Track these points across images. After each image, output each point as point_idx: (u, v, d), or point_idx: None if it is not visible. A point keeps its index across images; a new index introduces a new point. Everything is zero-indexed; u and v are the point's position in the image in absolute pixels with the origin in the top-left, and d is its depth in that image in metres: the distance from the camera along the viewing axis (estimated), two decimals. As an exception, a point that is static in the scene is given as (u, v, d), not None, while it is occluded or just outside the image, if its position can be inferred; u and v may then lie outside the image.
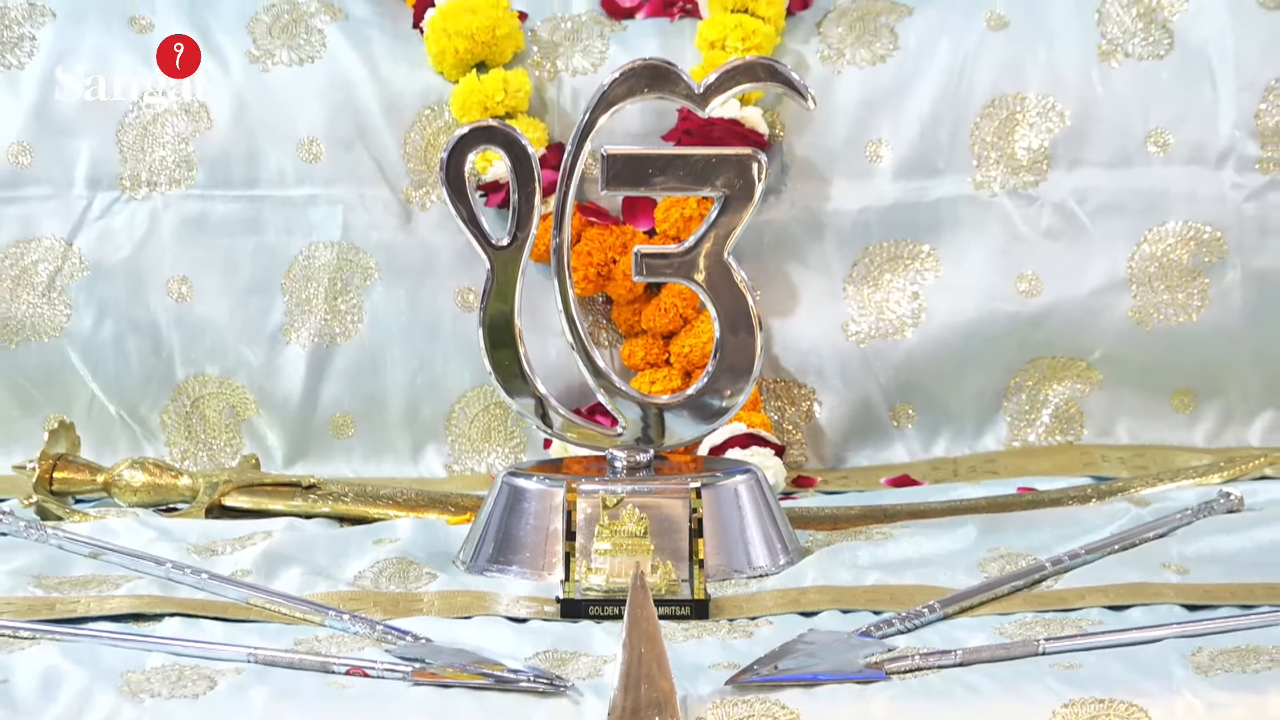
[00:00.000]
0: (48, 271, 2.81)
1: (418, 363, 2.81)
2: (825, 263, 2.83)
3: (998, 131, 2.85)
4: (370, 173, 2.84)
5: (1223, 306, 2.82)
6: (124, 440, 2.80)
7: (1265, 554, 2.46)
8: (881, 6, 2.91)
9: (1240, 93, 2.85)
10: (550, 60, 2.88)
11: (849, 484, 2.78)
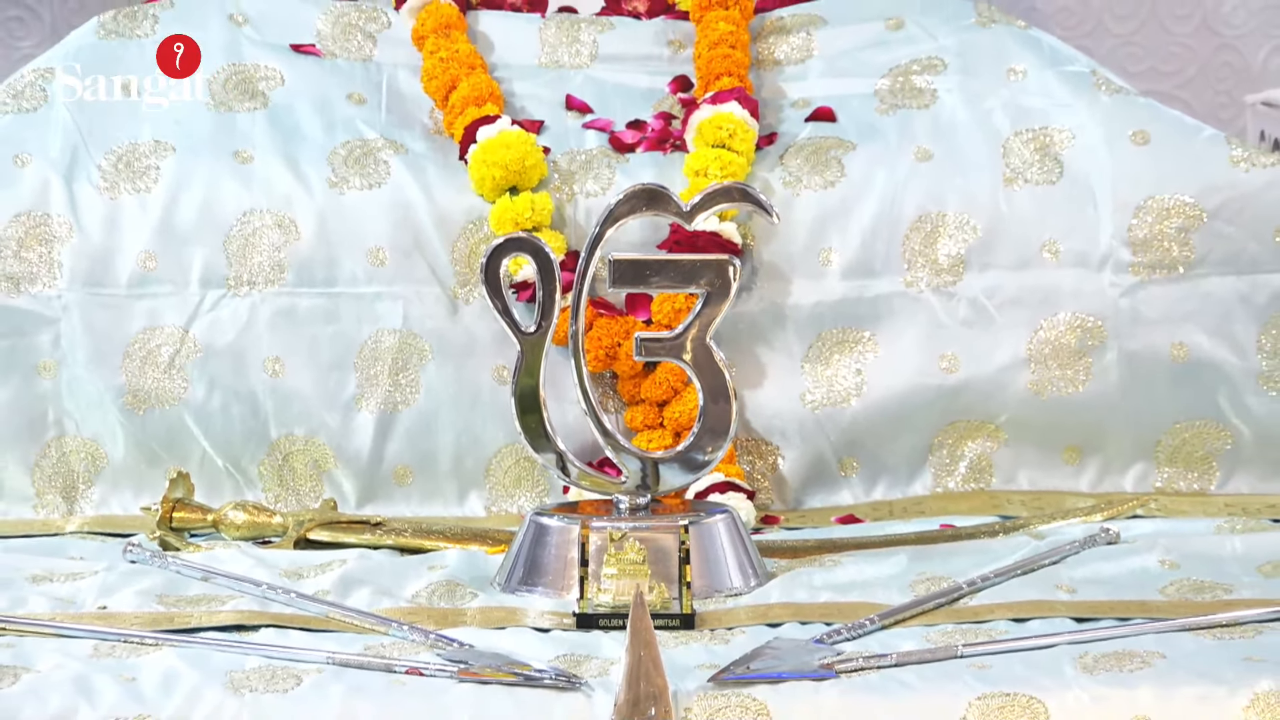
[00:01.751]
0: (169, 353, 2.80)
1: (462, 425, 2.80)
2: (787, 346, 2.82)
3: (924, 241, 2.84)
4: (425, 274, 2.83)
5: (1103, 380, 2.81)
6: (229, 487, 2.79)
7: (1137, 577, 2.47)
8: (831, 143, 2.90)
9: (1116, 211, 2.84)
10: (568, 185, 2.87)
11: (806, 522, 2.77)
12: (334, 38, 3.08)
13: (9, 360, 2.81)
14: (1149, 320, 2.82)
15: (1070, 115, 2.92)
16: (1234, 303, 2.82)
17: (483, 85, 2.96)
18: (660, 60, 3.11)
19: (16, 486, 2.80)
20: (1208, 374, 2.82)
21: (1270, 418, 2.82)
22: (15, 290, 2.81)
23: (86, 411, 2.81)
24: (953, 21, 3.10)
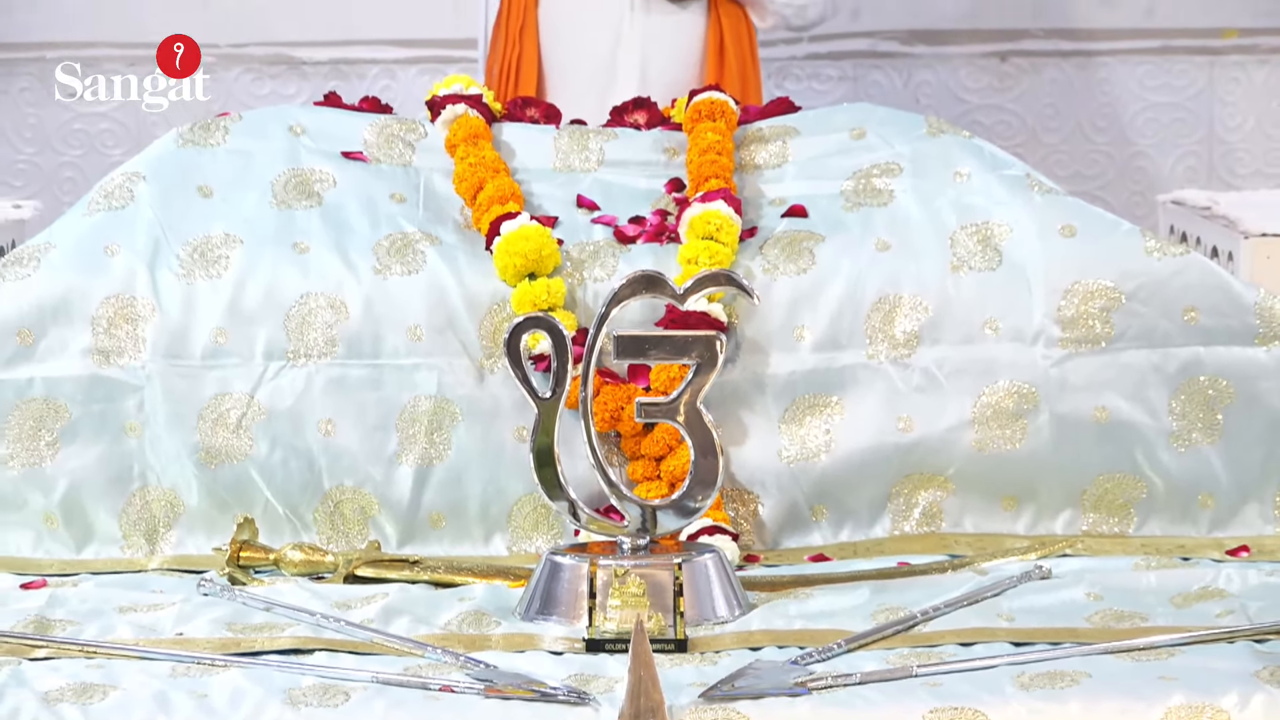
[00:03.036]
0: (237, 416, 2.80)
1: (488, 477, 2.79)
2: (766, 409, 2.82)
3: (883, 320, 2.84)
4: (456, 348, 2.83)
5: (1036, 439, 2.80)
6: (287, 530, 2.78)
7: (1066, 607, 2.47)
8: (803, 236, 2.90)
9: (1047, 294, 2.84)
10: (579, 271, 2.87)
11: (782, 560, 2.76)
12: (379, 146, 3.09)
13: (100, 422, 2.80)
14: (1075, 387, 2.81)
15: (1008, 212, 2.92)
16: (1148, 372, 2.82)
17: (506, 186, 2.96)
18: (657, 165, 3.11)
19: (106, 530, 2.79)
20: (1126, 433, 2.81)
21: (1179, 471, 2.81)
22: (106, 362, 2.81)
23: (166, 466, 2.80)
24: (907, 132, 3.11)
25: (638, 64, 4.07)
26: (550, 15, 4.08)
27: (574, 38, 4.08)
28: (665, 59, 4.08)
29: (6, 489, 2.79)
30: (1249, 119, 5.23)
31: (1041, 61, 5.21)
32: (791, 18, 4.21)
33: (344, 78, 5.10)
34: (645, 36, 4.08)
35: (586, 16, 4.07)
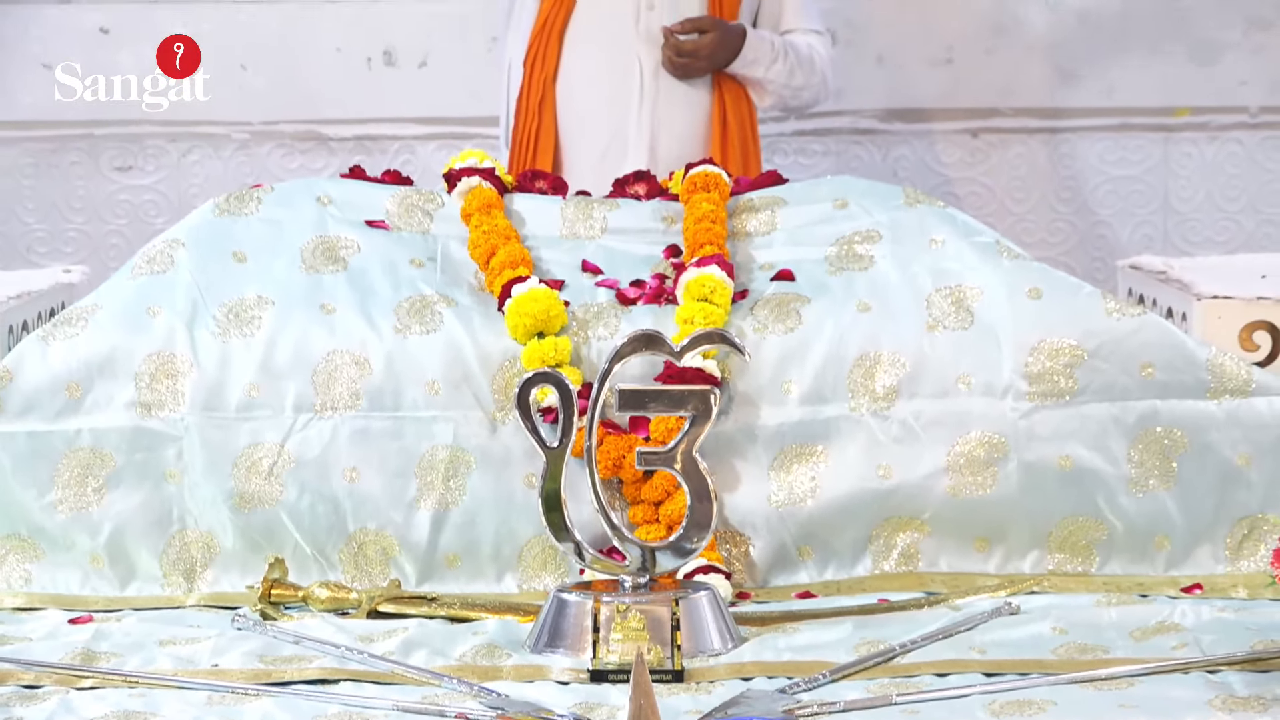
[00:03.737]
0: (269, 464, 2.80)
1: (500, 520, 2.79)
2: (756, 457, 2.81)
3: (864, 375, 2.84)
4: (471, 401, 2.82)
5: (1005, 485, 2.80)
6: (315, 570, 2.78)
7: (1034, 641, 2.47)
8: (791, 298, 2.90)
9: (1015, 351, 2.84)
10: (584, 330, 2.88)
11: (771, 597, 2.76)
12: (399, 215, 3.10)
13: (142, 470, 2.80)
14: (1042, 438, 2.81)
15: (979, 276, 2.92)
16: (1109, 423, 2.82)
17: (516, 252, 2.97)
18: (656, 233, 3.11)
19: (148, 569, 2.79)
20: (1088, 480, 2.81)
21: (1138, 514, 2.81)
22: (148, 414, 2.82)
23: (203, 510, 2.80)
24: (886, 202, 3.11)
25: (648, 138, 4.08)
26: (566, 92, 4.10)
27: (589, 113, 4.09)
28: (674, 133, 4.10)
29: (56, 531, 2.79)
30: (1200, 191, 5.24)
31: (1010, 138, 5.23)
32: (789, 99, 4.23)
33: (368, 152, 5.12)
34: (655, 112, 4.10)
35: (600, 93, 4.08)
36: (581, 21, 4.10)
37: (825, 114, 5.13)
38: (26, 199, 5.16)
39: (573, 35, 4.11)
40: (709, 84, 4.13)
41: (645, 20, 4.11)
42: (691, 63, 4.07)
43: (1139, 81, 5.20)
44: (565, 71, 4.10)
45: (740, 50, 4.11)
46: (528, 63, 4.11)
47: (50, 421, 2.81)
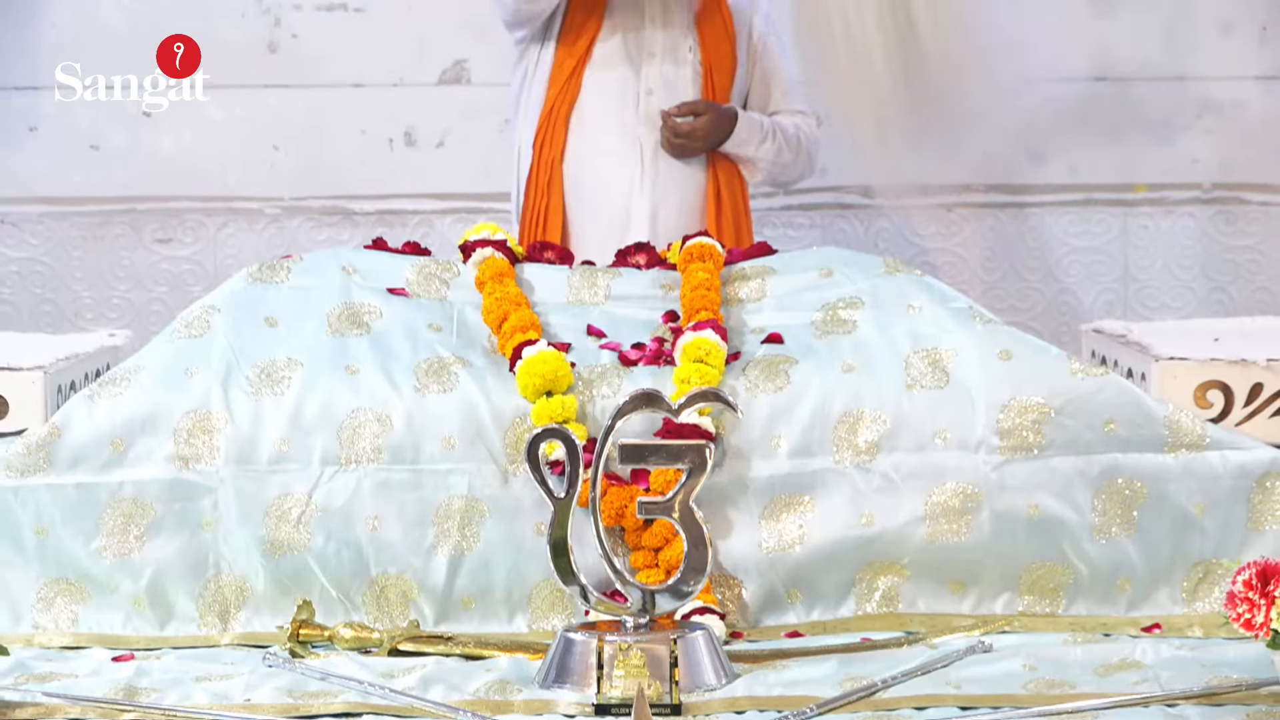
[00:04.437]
0: (297, 513, 2.79)
1: (511, 565, 2.78)
2: (748, 507, 2.81)
3: (848, 431, 2.84)
4: (484, 455, 2.82)
5: (979, 532, 2.80)
6: (340, 611, 2.77)
7: (1005, 677, 2.47)
8: (780, 359, 2.90)
9: (987, 409, 2.84)
10: (589, 389, 2.88)
11: (762, 637, 2.75)
12: (419, 283, 3.10)
13: (180, 519, 2.80)
14: (1012, 488, 2.81)
15: (954, 339, 2.93)
16: (1074, 475, 2.82)
17: (526, 317, 2.97)
18: (655, 299, 3.12)
19: (185, 611, 2.79)
20: (1055, 528, 2.81)
21: (1101, 560, 2.80)
22: (186, 467, 2.82)
23: (237, 556, 2.80)
24: (868, 271, 3.12)
25: (648, 212, 4.09)
26: (573, 172, 4.11)
27: (594, 191, 4.10)
28: (672, 208, 4.11)
29: (101, 576, 2.79)
30: (1158, 260, 5.25)
31: (982, 212, 5.24)
32: (777, 175, 4.24)
33: (389, 225, 5.13)
34: (655, 189, 4.10)
35: (604, 172, 4.09)
36: (586, 106, 4.11)
37: (811, 190, 5.14)
38: (75, 269, 5.17)
39: (578, 119, 4.11)
40: (704, 162, 4.14)
41: (645, 104, 4.12)
42: (688, 143, 4.08)
43: (1100, 160, 5.21)
44: (571, 153, 4.11)
45: (732, 131, 4.12)
46: (536, 145, 4.12)
47: (96, 474, 2.82)
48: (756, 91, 4.26)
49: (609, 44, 4.10)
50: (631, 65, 4.12)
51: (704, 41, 4.13)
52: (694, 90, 4.14)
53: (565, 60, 4.10)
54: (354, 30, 5.10)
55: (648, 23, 4.11)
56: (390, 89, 5.17)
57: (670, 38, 4.12)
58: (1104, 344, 3.56)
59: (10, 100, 5.11)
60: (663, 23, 4.10)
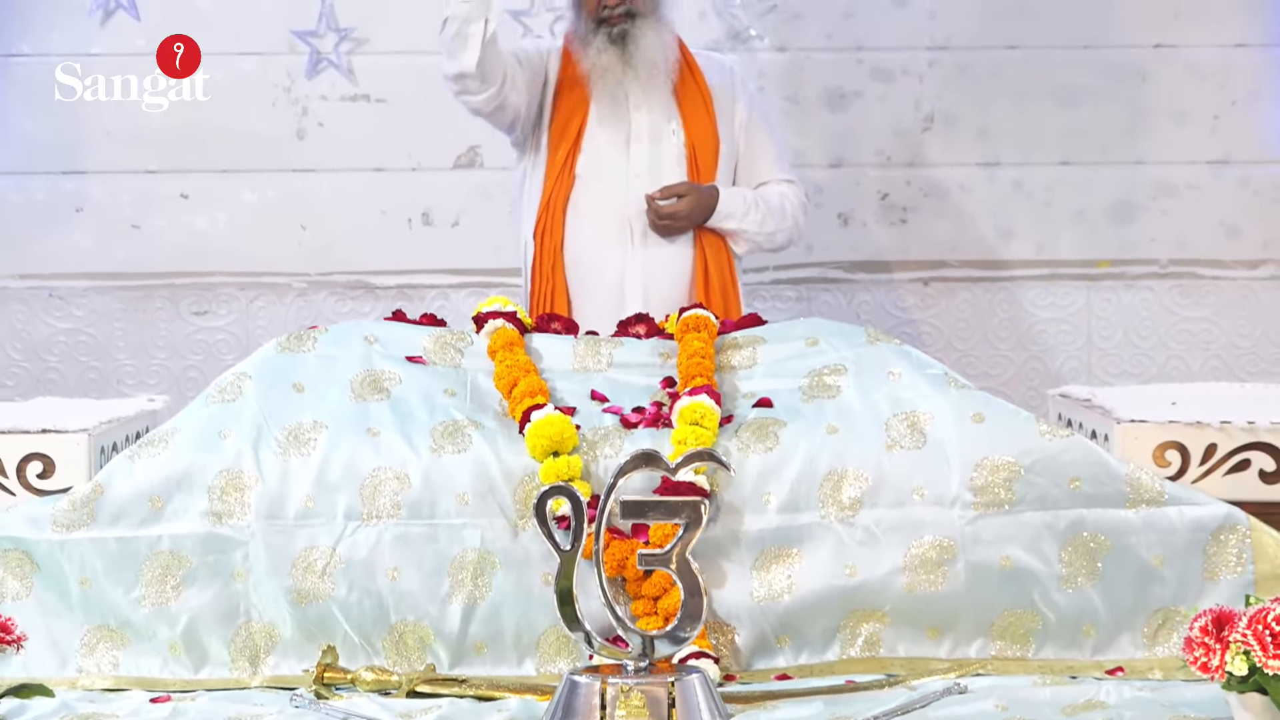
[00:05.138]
0: (322, 564, 2.80)
1: (520, 613, 2.78)
2: (740, 559, 2.81)
3: (833, 488, 2.85)
4: (495, 511, 2.83)
5: (954, 582, 2.80)
6: (361, 655, 2.77)
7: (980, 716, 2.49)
8: (770, 422, 2.91)
9: (962, 467, 2.85)
10: (593, 450, 2.88)
11: (753, 679, 2.75)
12: (435, 352, 3.11)
13: (214, 570, 2.81)
14: (985, 541, 2.81)
15: (930, 403, 2.93)
16: (1042, 529, 2.82)
17: (535, 383, 2.98)
18: (654, 367, 3.13)
19: (218, 655, 2.79)
20: (1025, 578, 2.81)
21: (1068, 607, 2.81)
22: (219, 522, 2.82)
23: (266, 605, 2.80)
24: (851, 340, 3.12)
25: (641, 288, 4.09)
26: (573, 255, 4.11)
27: (592, 272, 4.10)
28: (662, 282, 4.11)
29: (140, 623, 2.79)
30: (1119, 330, 5.26)
31: (956, 285, 5.25)
32: (763, 243, 4.23)
33: (408, 298, 5.14)
34: (646, 266, 4.11)
35: (600, 253, 4.10)
36: (580, 195, 4.11)
37: (798, 265, 5.16)
38: (118, 339, 5.18)
39: (574, 208, 4.11)
40: (691, 239, 4.14)
41: (633, 187, 4.12)
42: (672, 224, 4.07)
43: (1065, 238, 5.23)
44: (570, 239, 4.11)
45: (715, 208, 4.12)
46: (538, 235, 4.13)
47: (136, 528, 2.82)
48: (745, 165, 4.26)
49: (596, 133, 4.11)
50: (619, 151, 4.12)
51: (686, 122, 4.14)
52: (680, 170, 4.13)
53: (557, 152, 4.10)
54: (375, 119, 5.13)
55: (631, 109, 4.11)
56: (409, 173, 5.19)
57: (653, 121, 4.12)
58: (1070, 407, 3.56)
59: (59, 184, 5.13)
60: (645, 107, 4.11)
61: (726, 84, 4.21)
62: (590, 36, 4.06)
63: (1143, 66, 5.19)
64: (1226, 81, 5.19)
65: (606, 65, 4.05)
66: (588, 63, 4.07)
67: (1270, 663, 2.31)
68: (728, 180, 4.20)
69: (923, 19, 5.17)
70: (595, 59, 4.06)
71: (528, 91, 4.06)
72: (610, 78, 4.06)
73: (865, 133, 5.19)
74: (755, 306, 4.90)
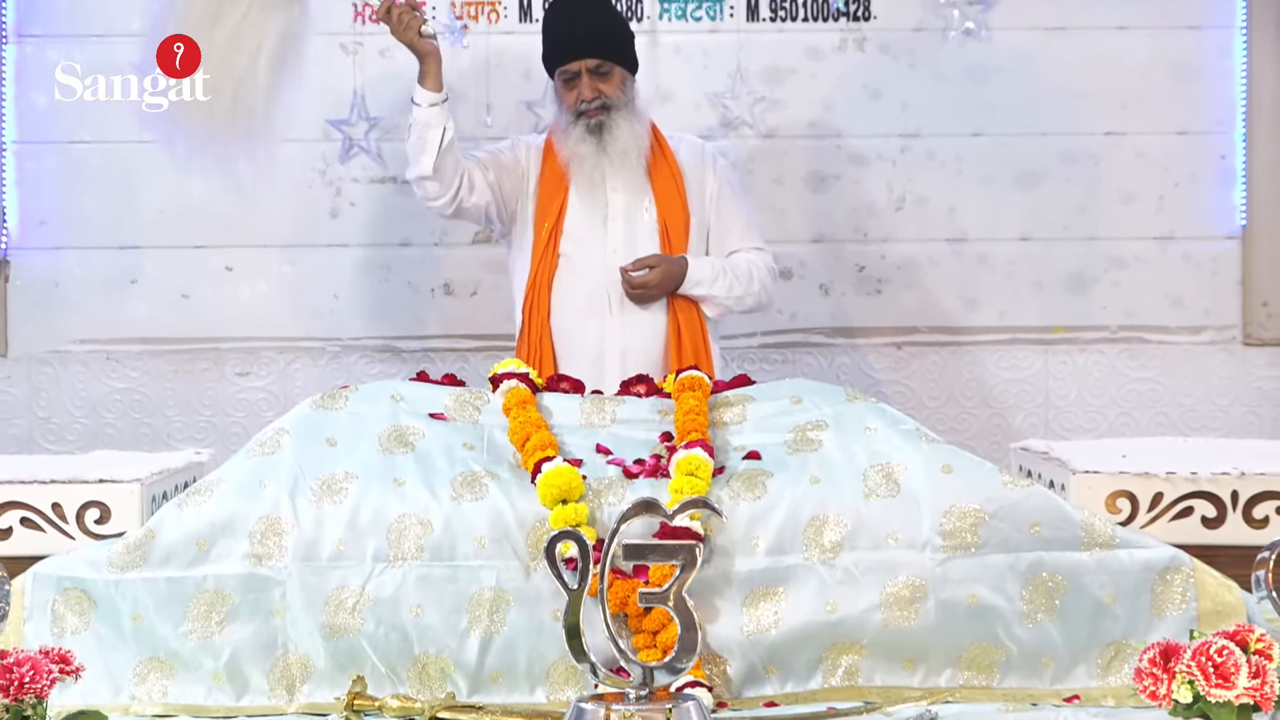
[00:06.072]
0: (352, 602, 2.79)
1: (532, 646, 2.77)
2: (732, 597, 2.80)
3: (815, 532, 2.84)
4: (510, 554, 2.82)
5: (926, 618, 2.79)
6: (388, 684, 2.76)
7: (949, 740, 2.44)
8: (758, 473, 2.90)
9: (932, 514, 2.84)
10: (599, 498, 2.88)
11: (744, 706, 2.73)
12: (455, 409, 3.11)
13: (255, 607, 2.80)
14: (954, 581, 2.81)
15: (904, 455, 2.93)
16: (1005, 570, 2.82)
17: (545, 438, 2.98)
18: (654, 422, 3.13)
19: (258, 684, 2.78)
20: (990, 614, 2.80)
21: (1029, 641, 2.80)
22: (259, 564, 2.82)
23: (301, 638, 2.79)
24: (832, 399, 3.12)
25: (620, 351, 4.12)
26: (558, 325, 4.15)
27: (575, 340, 4.13)
28: (639, 347, 4.13)
29: (187, 655, 2.78)
30: (1073, 390, 5.27)
31: (926, 349, 5.26)
32: (733, 307, 4.25)
33: (430, 361, 5.15)
34: (624, 332, 4.13)
35: (583, 323, 4.13)
36: (564, 272, 4.14)
37: (783, 331, 5.17)
38: (168, 397, 5.19)
39: (558, 283, 4.14)
40: (665, 306, 4.15)
41: (610, 261, 4.15)
42: (645, 293, 4.10)
43: (1025, 306, 5.25)
44: (555, 312, 4.14)
45: (684, 276, 4.14)
46: (525, 310, 4.16)
47: (184, 569, 2.82)
48: (716, 235, 4.28)
49: (577, 214, 4.14)
50: (597, 229, 4.15)
51: (659, 200, 4.17)
52: (654, 244, 4.16)
53: (541, 233, 4.14)
54: (401, 199, 5.15)
55: (608, 191, 4.14)
56: (432, 248, 5.21)
57: (628, 201, 4.15)
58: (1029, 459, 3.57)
59: (117, 259, 5.15)
60: (621, 189, 4.14)
61: (697, 161, 4.26)
62: (570, 128, 4.12)
63: (1095, 152, 5.22)
64: (1170, 165, 5.22)
65: (585, 153, 4.10)
66: (568, 151, 4.12)
67: (1213, 691, 2.31)
68: (700, 250, 4.22)
69: (895, 110, 5.20)
70: (575, 148, 4.11)
71: (491, 192, 4.11)
72: (588, 164, 4.11)
73: (844, 211, 5.22)
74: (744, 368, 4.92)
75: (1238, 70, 5.19)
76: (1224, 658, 2.34)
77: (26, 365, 5.18)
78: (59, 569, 2.84)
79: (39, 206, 5.13)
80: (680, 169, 4.21)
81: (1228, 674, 2.32)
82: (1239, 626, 2.40)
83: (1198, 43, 5.18)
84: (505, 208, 4.19)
